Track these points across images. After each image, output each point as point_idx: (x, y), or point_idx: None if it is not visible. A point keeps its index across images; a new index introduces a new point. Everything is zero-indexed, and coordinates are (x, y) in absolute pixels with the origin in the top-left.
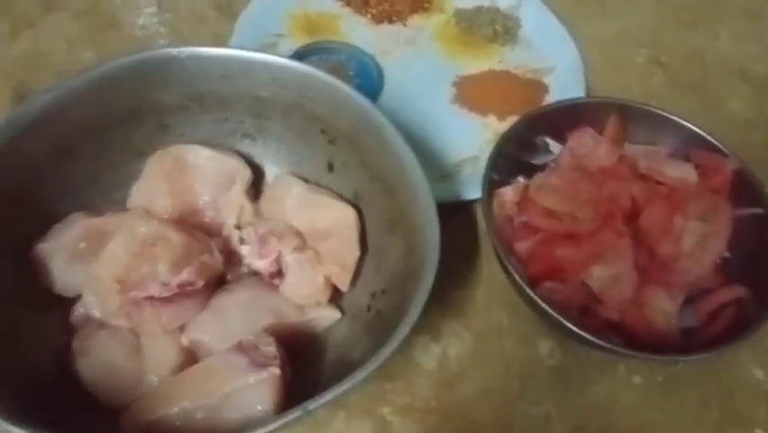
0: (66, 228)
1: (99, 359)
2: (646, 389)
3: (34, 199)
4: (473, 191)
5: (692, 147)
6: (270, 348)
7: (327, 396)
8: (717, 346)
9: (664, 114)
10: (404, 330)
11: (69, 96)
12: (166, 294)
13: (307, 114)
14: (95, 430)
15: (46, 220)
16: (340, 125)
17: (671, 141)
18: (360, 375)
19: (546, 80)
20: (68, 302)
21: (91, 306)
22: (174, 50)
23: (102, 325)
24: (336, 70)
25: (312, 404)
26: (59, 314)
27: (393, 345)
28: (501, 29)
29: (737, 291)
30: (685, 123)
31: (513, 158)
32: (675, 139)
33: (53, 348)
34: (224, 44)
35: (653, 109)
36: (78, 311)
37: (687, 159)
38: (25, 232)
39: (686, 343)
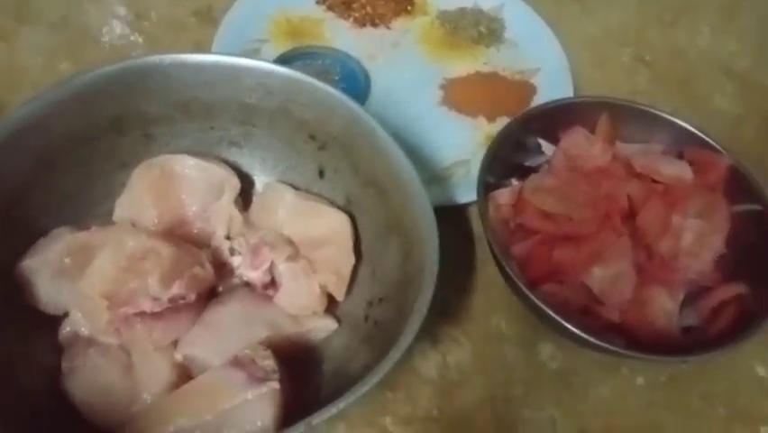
0: (50, 244)
1: (89, 378)
2: (650, 389)
3: (15, 216)
4: (466, 195)
5: (684, 144)
6: (269, 362)
7: (331, 409)
8: (722, 345)
9: (655, 111)
10: (407, 339)
11: (49, 108)
12: (157, 309)
13: (295, 119)
14: None
15: (28, 237)
16: (330, 130)
17: (662, 138)
18: (363, 388)
19: (534, 81)
20: (56, 321)
21: (79, 323)
22: (156, 58)
23: (90, 342)
24: (322, 75)
25: (315, 419)
26: (47, 333)
27: (396, 355)
28: (486, 30)
29: (738, 288)
30: (676, 120)
31: (506, 160)
32: (667, 136)
33: (43, 369)
34: (206, 51)
35: (643, 107)
36: (66, 329)
37: (680, 156)
38: (7, 250)
39: (688, 342)
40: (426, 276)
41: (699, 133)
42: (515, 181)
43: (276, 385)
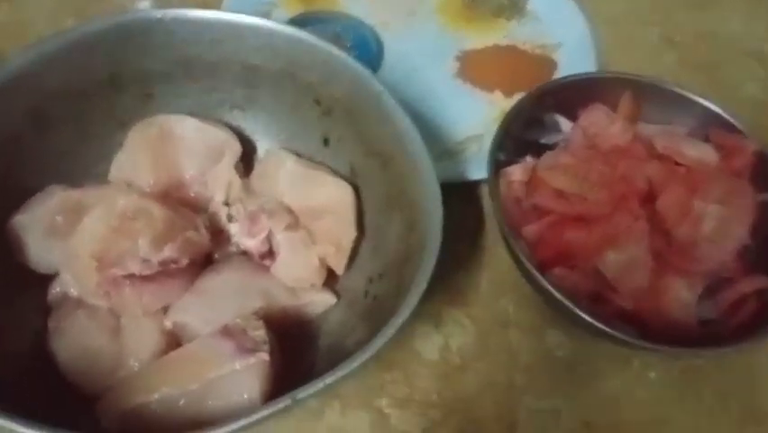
0: (42, 200)
1: (75, 341)
2: (661, 384)
3: (7, 172)
4: (478, 171)
5: (710, 127)
6: (259, 332)
7: (318, 384)
8: (739, 340)
9: (681, 92)
10: (402, 316)
11: (42, 61)
12: (147, 272)
13: (300, 82)
14: (72, 417)
15: (20, 194)
16: (335, 95)
17: (687, 120)
18: (353, 363)
19: (555, 56)
20: (46, 280)
21: (68, 284)
22: (158, 12)
23: (79, 304)
24: (333, 41)
25: (301, 393)
26: (37, 293)
27: (390, 332)
28: (507, 2)
29: (761, 282)
30: (703, 101)
31: (520, 136)
32: (692, 118)
33: (30, 330)
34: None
35: (669, 87)
36: (55, 289)
37: (705, 140)
38: None
39: (704, 335)
40: (428, 251)
41: (727, 116)
42: (529, 159)
43: (265, 357)
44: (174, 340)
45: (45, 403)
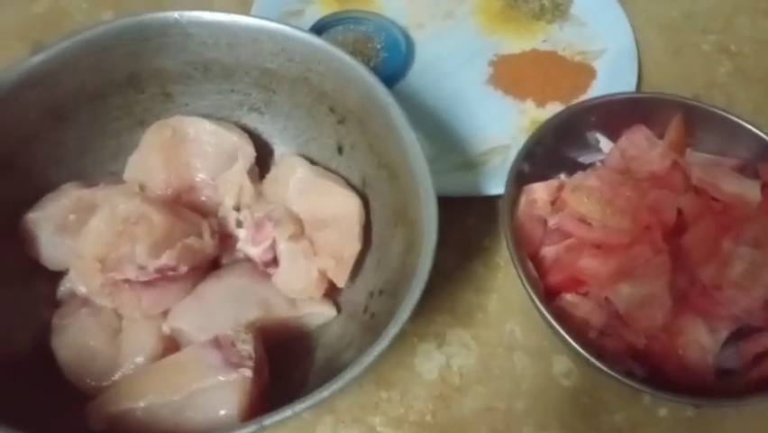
0: (56, 198)
1: (76, 339)
2: (672, 424)
3: (24, 167)
4: (499, 185)
5: (761, 161)
6: (246, 347)
7: (285, 412)
8: (754, 395)
9: (739, 121)
10: (391, 333)
11: (60, 60)
12: (143, 278)
13: (315, 89)
14: (66, 414)
15: (38, 189)
16: (348, 104)
17: (742, 152)
18: (324, 393)
19: (595, 64)
20: (59, 276)
21: (77, 281)
22: (175, 14)
23: (85, 303)
24: (363, 42)
25: (267, 420)
26: (48, 288)
27: (375, 352)
28: (550, 4)
29: None
30: (758, 132)
31: (557, 151)
32: (746, 150)
33: (36, 323)
34: (248, 9)
35: (725, 114)
36: (65, 286)
37: (756, 175)
38: (15, 201)
39: (720, 384)
40: (421, 267)
41: None
42: (563, 176)
43: (248, 373)
44: (173, 344)
45: (41, 398)
